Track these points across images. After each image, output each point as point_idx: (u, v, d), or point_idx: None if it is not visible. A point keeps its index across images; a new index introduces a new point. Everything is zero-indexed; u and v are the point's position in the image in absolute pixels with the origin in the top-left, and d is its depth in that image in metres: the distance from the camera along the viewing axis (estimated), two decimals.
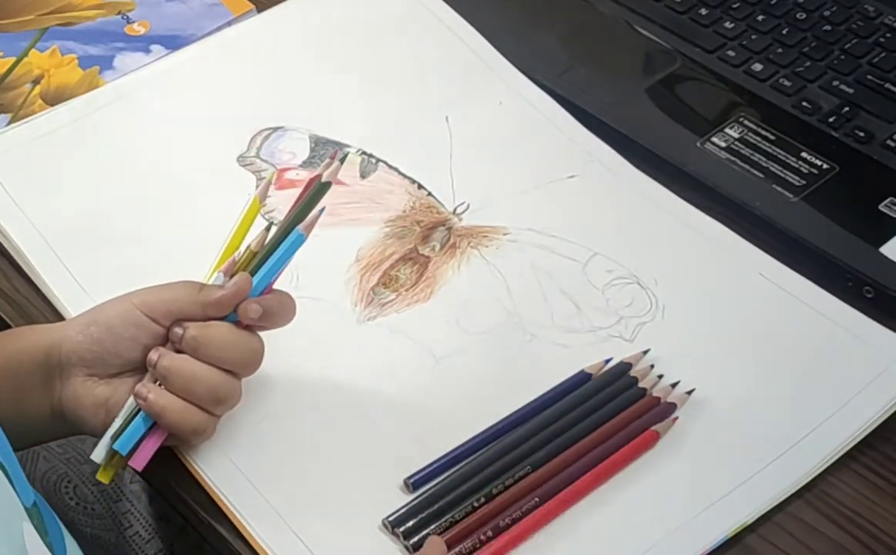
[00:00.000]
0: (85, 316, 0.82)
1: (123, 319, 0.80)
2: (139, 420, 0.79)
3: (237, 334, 0.80)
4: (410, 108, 1.07)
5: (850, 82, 1.05)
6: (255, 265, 0.81)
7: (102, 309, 0.82)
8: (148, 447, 0.79)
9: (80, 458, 0.99)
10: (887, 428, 0.84)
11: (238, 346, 0.80)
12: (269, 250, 0.81)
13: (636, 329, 0.90)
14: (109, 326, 0.80)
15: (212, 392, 0.79)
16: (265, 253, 0.81)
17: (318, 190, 0.82)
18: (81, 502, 0.97)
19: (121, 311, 0.80)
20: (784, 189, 0.98)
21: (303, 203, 0.82)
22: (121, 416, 0.79)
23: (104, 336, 0.80)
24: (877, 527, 0.80)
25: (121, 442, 0.79)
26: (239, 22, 1.15)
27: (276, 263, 0.81)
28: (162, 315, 0.80)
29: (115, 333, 0.80)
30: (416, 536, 0.78)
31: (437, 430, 0.84)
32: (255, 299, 0.80)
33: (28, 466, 0.97)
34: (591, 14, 1.15)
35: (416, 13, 1.14)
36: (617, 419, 0.83)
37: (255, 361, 0.81)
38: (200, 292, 0.80)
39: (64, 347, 0.80)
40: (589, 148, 1.02)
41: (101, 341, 0.80)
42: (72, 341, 0.80)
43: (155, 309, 0.80)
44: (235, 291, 0.80)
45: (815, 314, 0.90)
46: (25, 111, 1.07)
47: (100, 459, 0.79)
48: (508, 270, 0.94)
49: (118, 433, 0.79)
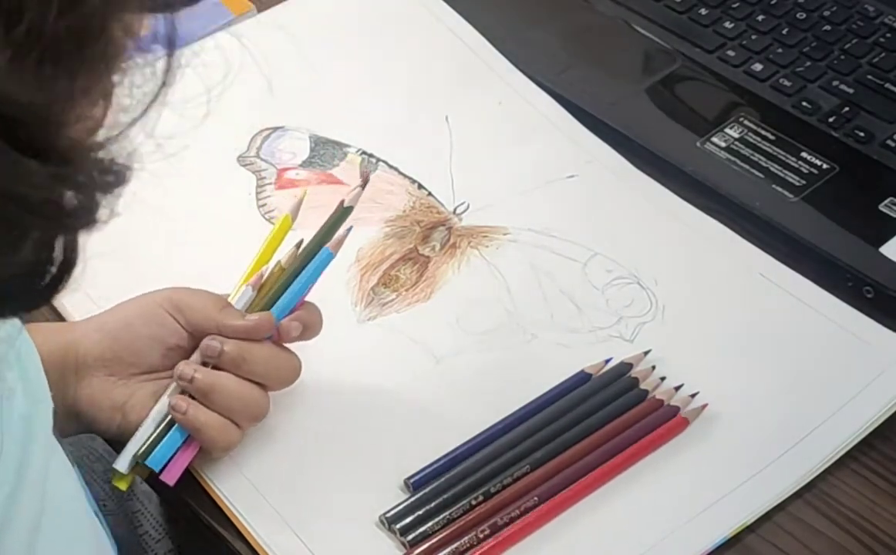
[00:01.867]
0: (104, 315, 0.82)
1: (145, 317, 0.79)
2: (175, 434, 0.78)
3: (279, 353, 0.80)
4: (410, 108, 1.07)
5: (850, 82, 1.05)
6: (285, 281, 0.82)
7: (122, 307, 0.81)
8: (181, 462, 0.79)
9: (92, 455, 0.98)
10: (887, 428, 0.84)
11: (280, 364, 0.80)
12: (299, 268, 0.82)
13: (636, 329, 0.90)
14: (128, 323, 0.79)
15: (251, 409, 0.79)
16: (294, 269, 0.82)
17: (341, 214, 0.84)
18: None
19: (143, 307, 0.80)
20: (784, 189, 0.97)
21: (328, 225, 0.84)
22: (147, 427, 0.78)
23: (122, 333, 0.79)
24: (877, 527, 0.80)
25: (155, 458, 0.78)
26: (239, 22, 1.15)
27: (306, 281, 0.82)
28: (185, 320, 0.80)
29: (134, 330, 0.79)
30: (413, 533, 0.78)
31: (437, 430, 0.84)
32: (292, 316, 0.81)
33: None
34: (591, 14, 1.15)
35: (416, 13, 1.13)
36: (619, 422, 0.83)
37: (294, 378, 0.82)
38: (221, 312, 0.80)
39: (81, 346, 0.80)
40: (589, 148, 1.02)
41: (121, 340, 0.79)
42: (90, 340, 0.80)
43: (181, 311, 0.79)
44: (254, 327, 0.80)
45: (815, 314, 0.90)
46: None
47: (124, 469, 0.79)
48: (508, 270, 0.94)
49: (149, 448, 0.78)
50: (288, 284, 0.82)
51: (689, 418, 0.84)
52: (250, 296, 0.82)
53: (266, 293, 0.82)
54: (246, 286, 0.82)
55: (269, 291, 0.82)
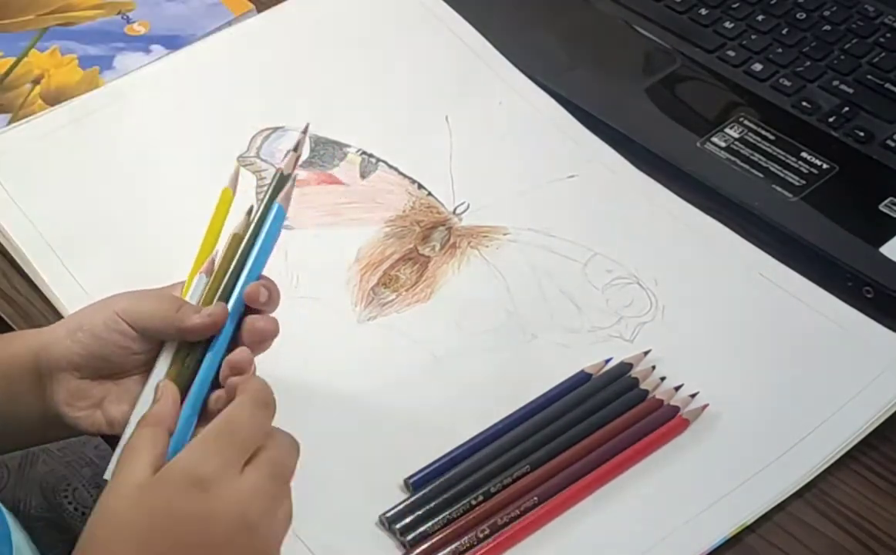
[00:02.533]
0: (72, 320, 0.81)
1: (108, 327, 0.79)
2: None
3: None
4: (410, 108, 1.07)
5: (850, 82, 1.05)
6: (244, 250, 0.80)
7: (88, 313, 0.81)
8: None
9: (81, 461, 0.98)
10: (887, 428, 0.84)
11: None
12: (254, 234, 0.80)
13: (636, 329, 0.90)
14: (95, 334, 0.79)
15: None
16: (251, 235, 0.80)
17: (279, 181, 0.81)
18: (80, 507, 0.96)
19: (105, 318, 0.79)
20: (784, 189, 0.98)
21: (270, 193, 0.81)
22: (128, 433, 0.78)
23: (91, 343, 0.79)
24: (876, 527, 0.80)
25: None
26: (239, 22, 1.15)
27: (266, 243, 0.80)
28: (142, 329, 0.79)
29: (102, 340, 0.79)
30: (413, 533, 0.78)
31: (437, 430, 0.84)
32: (259, 282, 0.79)
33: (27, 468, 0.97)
34: (591, 14, 1.15)
35: (415, 13, 1.14)
36: (619, 422, 0.83)
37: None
38: (178, 312, 0.78)
39: (53, 351, 0.80)
40: (589, 148, 1.02)
41: (90, 348, 0.79)
42: (61, 345, 0.80)
43: (136, 320, 0.79)
44: (212, 323, 0.78)
45: (815, 314, 0.90)
46: (25, 111, 1.07)
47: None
48: (508, 270, 0.94)
49: None
50: (248, 252, 0.80)
51: (689, 418, 0.84)
52: (205, 283, 0.80)
53: (226, 267, 0.80)
54: (199, 275, 0.80)
55: (229, 263, 0.80)
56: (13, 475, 0.96)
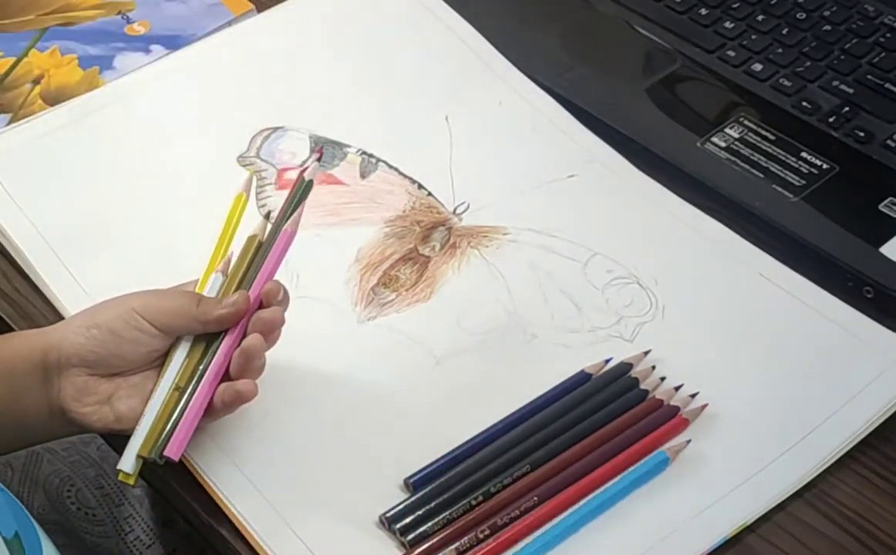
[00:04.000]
0: (84, 317, 0.82)
1: (125, 323, 0.80)
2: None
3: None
4: (410, 108, 1.07)
5: (850, 82, 1.05)
6: (263, 252, 0.83)
7: (102, 310, 0.81)
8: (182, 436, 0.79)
9: (85, 461, 0.99)
10: (887, 428, 0.84)
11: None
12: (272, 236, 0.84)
13: (636, 329, 0.90)
14: (112, 330, 0.80)
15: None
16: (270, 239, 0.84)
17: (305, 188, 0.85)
18: (83, 508, 0.97)
19: (122, 314, 0.80)
20: (784, 189, 0.98)
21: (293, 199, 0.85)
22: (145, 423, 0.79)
23: (107, 339, 0.80)
24: (877, 527, 0.80)
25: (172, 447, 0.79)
26: (239, 22, 1.15)
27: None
28: (162, 325, 0.80)
29: (118, 336, 0.80)
30: (413, 533, 0.78)
31: (437, 430, 0.84)
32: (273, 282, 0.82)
33: (32, 468, 0.98)
34: (591, 14, 1.15)
35: (416, 13, 1.14)
36: (619, 422, 0.83)
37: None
38: (199, 307, 0.81)
39: (63, 348, 0.80)
40: (589, 148, 1.02)
41: (105, 344, 0.80)
42: (72, 343, 0.80)
43: (156, 318, 0.80)
44: (235, 311, 0.81)
45: (815, 314, 0.90)
46: (25, 111, 1.07)
47: (130, 468, 0.79)
48: (508, 270, 0.94)
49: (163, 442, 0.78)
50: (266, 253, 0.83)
51: (689, 418, 0.84)
52: (221, 281, 0.83)
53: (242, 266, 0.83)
54: (216, 273, 0.83)
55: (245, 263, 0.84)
56: (17, 475, 0.96)
